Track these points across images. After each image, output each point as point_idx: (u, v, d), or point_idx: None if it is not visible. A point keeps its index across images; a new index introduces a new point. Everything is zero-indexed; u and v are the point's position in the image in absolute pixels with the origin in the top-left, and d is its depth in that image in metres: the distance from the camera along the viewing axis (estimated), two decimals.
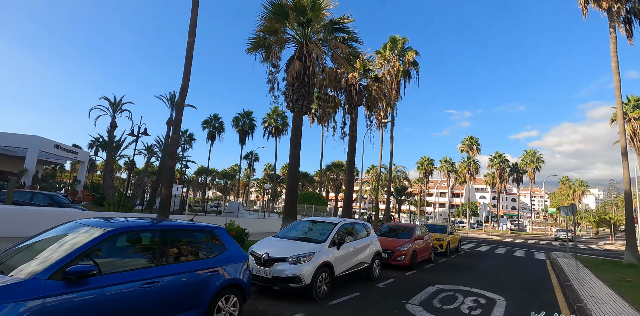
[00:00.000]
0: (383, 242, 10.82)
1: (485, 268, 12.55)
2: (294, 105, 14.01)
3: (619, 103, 15.58)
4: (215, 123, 44.31)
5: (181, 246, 4.38)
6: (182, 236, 4.49)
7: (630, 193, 14.67)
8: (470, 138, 56.65)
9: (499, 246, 22.72)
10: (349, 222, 8.14)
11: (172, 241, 4.24)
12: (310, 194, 27.79)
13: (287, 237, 7.49)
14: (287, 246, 6.80)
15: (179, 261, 4.14)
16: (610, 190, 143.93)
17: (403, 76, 25.47)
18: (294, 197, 13.80)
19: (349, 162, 18.56)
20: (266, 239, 7.53)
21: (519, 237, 40.23)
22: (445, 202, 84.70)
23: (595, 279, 10.65)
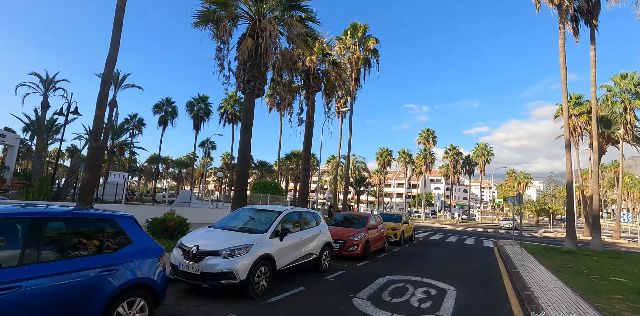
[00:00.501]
0: (335, 232, 10.31)
1: (438, 256, 12.51)
2: (245, 86, 12.96)
3: (564, 97, 16.14)
4: (167, 107, 41.54)
5: (64, 239, 3.42)
6: (67, 226, 3.52)
7: (571, 183, 15.35)
8: (427, 130, 58.19)
9: (451, 235, 23.33)
10: (295, 211, 7.44)
11: (49, 234, 3.27)
12: (267, 183, 26.81)
13: (225, 227, 6.65)
14: (222, 238, 5.98)
15: (60, 259, 3.20)
16: (549, 182, 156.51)
17: (363, 64, 25.03)
18: (244, 185, 12.88)
19: (305, 149, 17.85)
20: (200, 230, 6.64)
21: (469, 226, 42.12)
22: (402, 193, 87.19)
23: (539, 265, 10.89)
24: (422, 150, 57.31)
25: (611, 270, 10.15)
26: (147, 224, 10.30)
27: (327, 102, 19.86)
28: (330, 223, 11.58)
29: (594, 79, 17.58)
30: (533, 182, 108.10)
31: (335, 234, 10.12)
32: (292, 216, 7.25)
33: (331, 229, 10.59)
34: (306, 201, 17.65)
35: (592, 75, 17.63)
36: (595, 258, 12.79)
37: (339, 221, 11.97)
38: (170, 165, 71.30)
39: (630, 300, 6.60)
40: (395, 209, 72.02)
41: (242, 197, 12.78)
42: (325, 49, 17.90)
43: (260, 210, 7.26)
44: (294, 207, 8.13)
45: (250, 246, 5.66)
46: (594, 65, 17.60)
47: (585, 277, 8.80)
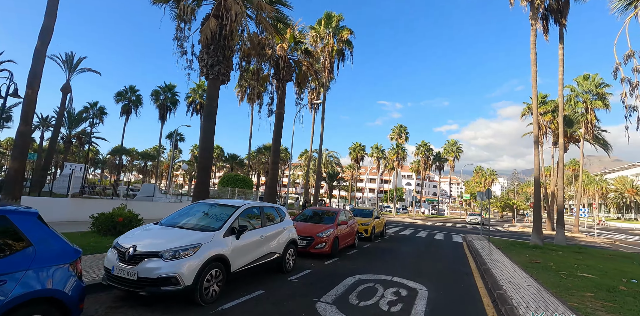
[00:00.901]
0: (303, 228, 9.69)
1: (408, 252, 12.20)
2: (209, 71, 11.98)
3: (534, 93, 16.26)
4: (131, 96, 39.16)
5: None
6: None
7: (539, 179, 15.55)
8: (399, 126, 58.67)
9: (421, 230, 23.37)
10: (255, 206, 6.72)
11: None
12: (236, 177, 25.75)
13: (172, 224, 5.83)
14: (167, 237, 5.18)
15: None
16: (513, 179, 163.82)
17: (337, 55, 24.40)
18: (206, 177, 11.96)
19: (275, 141, 17.06)
20: (143, 227, 5.80)
21: (438, 221, 42.90)
22: (374, 188, 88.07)
23: (508, 261, 10.79)
24: (394, 145, 57.77)
25: (577, 265, 10.18)
26: (91, 220, 9.23)
27: (298, 93, 19.10)
28: (298, 219, 10.96)
29: (561, 77, 17.86)
30: (498, 178, 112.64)
31: (302, 230, 9.50)
32: (251, 211, 6.52)
33: (298, 225, 9.97)
34: (275, 195, 16.91)
35: (559, 73, 17.90)
36: (561, 253, 12.95)
37: (308, 216, 11.37)
38: (135, 158, 68.01)
39: (602, 298, 6.43)
40: (367, 204, 72.58)
41: (204, 190, 11.87)
42: (298, 37, 17.09)
43: (216, 205, 6.48)
44: (255, 202, 7.39)
45: (198, 246, 4.91)
46: (562, 64, 17.87)
47: (554, 273, 8.68)
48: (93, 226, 9.21)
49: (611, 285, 7.54)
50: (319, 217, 11.30)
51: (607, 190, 72.76)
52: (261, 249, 6.33)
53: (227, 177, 25.86)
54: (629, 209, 78.18)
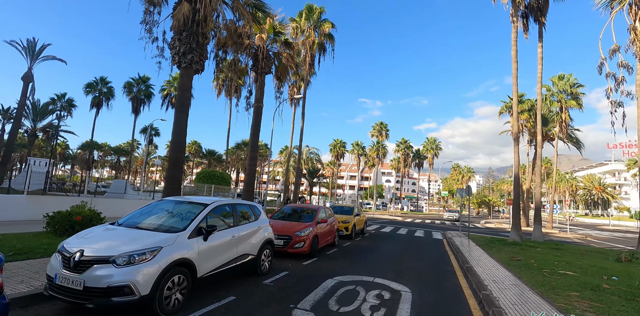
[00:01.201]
0: (281, 227, 9.18)
1: (390, 251, 11.89)
2: (181, 59, 11.20)
3: (515, 90, 16.28)
4: (102, 87, 37.26)
5: None
6: None
7: (518, 176, 15.61)
8: (380, 123, 58.81)
9: (402, 227, 23.28)
10: (227, 203, 6.14)
11: None
12: (213, 173, 24.80)
13: (132, 224, 5.18)
14: (122, 239, 4.55)
15: None
16: (488, 177, 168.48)
17: (318, 49, 23.84)
18: (178, 173, 11.22)
19: (253, 136, 16.38)
20: (96, 228, 5.13)
21: (417, 217, 43.27)
22: (355, 185, 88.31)
23: (490, 259, 10.65)
24: (375, 142, 57.88)
25: (557, 262, 10.13)
26: (46, 219, 8.38)
27: (278, 87, 18.45)
28: (276, 217, 10.43)
29: (540, 75, 18.00)
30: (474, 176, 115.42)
31: (279, 229, 8.99)
32: (222, 209, 5.94)
33: (276, 223, 9.45)
34: (253, 192, 16.28)
35: (538, 71, 18.04)
36: (539, 250, 12.99)
37: (286, 214, 10.84)
38: (107, 153, 65.28)
39: (588, 297, 6.24)
40: (348, 201, 72.64)
41: (176, 186, 11.12)
42: (277, 27, 16.42)
43: (184, 202, 5.86)
44: (227, 199, 6.78)
45: (158, 249, 4.31)
46: (541, 62, 18.01)
47: (537, 271, 8.53)
48: (48, 226, 8.36)
49: (594, 283, 7.42)
50: (298, 214, 10.80)
51: (576, 187, 75.72)
52: (233, 251, 5.77)
53: (204, 173, 24.90)
54: (596, 205, 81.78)
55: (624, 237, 29.07)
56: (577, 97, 29.19)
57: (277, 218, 10.18)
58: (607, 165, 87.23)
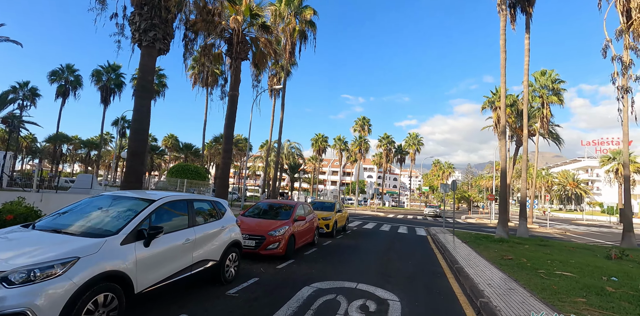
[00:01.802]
0: (253, 225, 8.17)
1: (373, 250, 11.06)
2: (142, 36, 9.91)
3: (503, 82, 15.72)
4: (68, 76, 34.82)
5: None
6: None
7: (505, 170, 15.11)
8: (362, 118, 58.18)
9: (384, 223, 22.63)
10: (180, 199, 5.06)
11: None
12: (187, 167, 23.41)
13: (50, 226, 4.05)
14: (25, 246, 3.43)
15: None
16: (467, 173, 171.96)
17: (299, 37, 22.67)
18: (138, 165, 9.98)
19: (227, 126, 15.17)
20: (0, 231, 3.98)
21: (399, 213, 43.00)
22: (336, 180, 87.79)
23: (479, 258, 9.98)
24: (357, 137, 57.25)
25: (549, 261, 9.54)
26: None
27: (256, 75, 17.23)
28: (249, 214, 9.37)
29: (526, 67, 17.54)
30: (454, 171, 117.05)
31: (251, 228, 7.98)
32: (174, 206, 4.87)
33: (248, 221, 8.43)
34: (227, 187, 15.13)
35: (525, 63, 17.57)
36: (527, 247, 12.48)
37: (260, 210, 9.80)
38: (77, 146, 62.02)
39: (596, 304, 5.54)
40: (329, 196, 72.00)
41: (136, 180, 9.89)
42: (255, 9, 15.18)
43: (123, 198, 4.75)
44: (183, 194, 5.66)
45: (73, 260, 3.22)
46: (527, 54, 17.53)
47: (532, 272, 7.86)
48: None
49: (597, 285, 6.78)
50: (274, 211, 9.78)
51: (552, 183, 77.68)
52: (188, 257, 4.72)
53: (177, 167, 23.47)
54: (569, 200, 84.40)
55: (600, 232, 29.50)
56: (559, 92, 29.24)
57: (250, 216, 9.14)
58: (581, 161, 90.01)
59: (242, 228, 7.91)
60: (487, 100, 32.84)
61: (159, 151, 48.38)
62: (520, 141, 34.37)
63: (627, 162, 14.94)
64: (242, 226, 8.13)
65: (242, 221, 8.58)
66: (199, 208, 5.39)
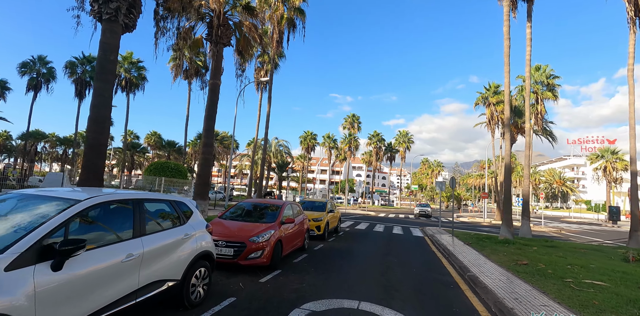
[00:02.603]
0: (231, 230, 6.85)
1: (371, 255, 9.85)
2: (102, 8, 8.46)
3: (506, 71, 14.71)
4: (40, 68, 32.61)
5: None
6: None
7: (510, 166, 14.12)
8: (352, 116, 57.13)
9: (377, 223, 21.51)
10: (122, 199, 3.70)
11: None
12: (166, 164, 21.78)
13: None
14: None
15: None
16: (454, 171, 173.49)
17: (287, 25, 21.26)
18: (98, 159, 8.52)
19: (208, 118, 13.73)
20: None
21: (390, 212, 42.06)
22: (325, 179, 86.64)
23: (490, 263, 8.88)
24: (347, 135, 56.14)
25: (570, 266, 8.49)
26: None
27: (240, 63, 15.79)
28: (228, 216, 8.02)
29: (528, 57, 16.63)
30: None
31: (230, 233, 6.66)
32: (110, 211, 3.52)
33: (226, 225, 7.11)
34: (207, 185, 13.71)
35: (527, 54, 16.67)
36: (537, 249, 11.46)
37: (242, 212, 8.45)
38: (54, 144, 59.13)
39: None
40: (319, 195, 70.80)
41: (95, 177, 8.43)
42: None
43: (33, 198, 3.38)
44: (128, 192, 4.16)
45: None
46: (529, 44, 16.64)
47: (559, 282, 6.77)
48: None
49: (637, 297, 5.72)
50: (258, 212, 8.45)
51: (539, 181, 78.23)
52: (131, 279, 3.38)
53: (155, 164, 21.83)
54: (555, 198, 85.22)
55: (593, 230, 29.07)
56: (553, 88, 28.63)
57: (229, 218, 7.79)
58: (566, 160, 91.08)
59: (219, 233, 6.59)
60: (481, 96, 32.11)
61: (140, 149, 46.20)
62: (514, 138, 33.77)
63: (635, 157, 14.13)
64: (219, 230, 6.81)
65: (219, 224, 7.25)
66: (152, 212, 4.05)
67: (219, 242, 6.36)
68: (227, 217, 7.83)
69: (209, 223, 7.50)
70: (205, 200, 13.25)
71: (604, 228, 33.21)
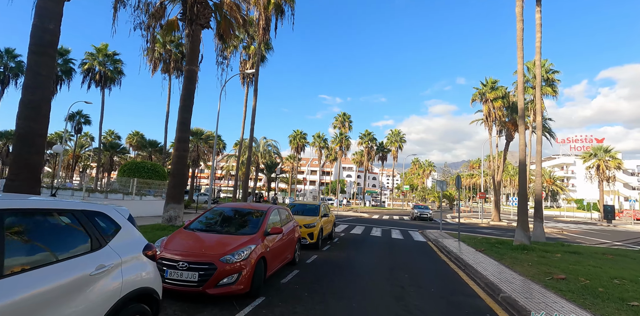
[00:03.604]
0: (198, 245, 5.17)
1: (374, 268, 8.24)
2: None
3: (520, 56, 13.35)
4: (8, 61, 30.16)
5: None
6: None
7: (525, 162, 12.70)
8: (343, 114, 55.70)
9: (373, 226, 19.94)
10: None
11: None
12: (142, 164, 19.80)
13: None
14: None
15: None
16: (444, 172, 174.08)
17: (275, 11, 19.55)
18: (29, 153, 6.69)
19: (184, 109, 11.91)
20: None
21: (382, 213, 40.62)
22: (315, 180, 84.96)
23: (521, 278, 7.35)
24: (338, 134, 54.60)
25: (617, 280, 7.03)
26: None
27: (222, 50, 14.02)
28: (197, 225, 6.25)
29: (539, 45, 15.35)
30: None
31: (194, 249, 4.99)
32: None
33: (192, 237, 5.40)
34: (182, 186, 11.91)
35: (537, 40, 15.39)
36: (559, 256, 10.03)
37: (217, 219, 6.70)
38: None
39: None
40: (309, 197, 69.06)
41: (27, 177, 6.60)
42: None
43: None
44: None
45: None
46: (539, 30, 15.34)
47: (624, 306, 5.27)
48: None
49: None
50: (237, 220, 6.73)
51: (530, 180, 78.02)
52: None
53: (130, 165, 19.86)
54: (545, 197, 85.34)
55: (593, 230, 28.10)
56: (553, 83, 27.61)
57: (198, 229, 6.04)
58: (555, 159, 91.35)
59: (179, 251, 4.89)
60: (477, 92, 30.92)
61: (119, 149, 43.64)
62: (511, 136, 32.73)
63: None
64: (180, 246, 5.11)
65: (182, 237, 5.54)
66: (34, 231, 2.33)
67: (179, 264, 4.66)
68: (196, 227, 6.08)
69: (172, 234, 5.79)
70: (179, 204, 11.45)
71: (603, 228, 32.39)
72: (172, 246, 5.12)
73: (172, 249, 5.00)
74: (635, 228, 32.58)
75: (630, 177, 78.70)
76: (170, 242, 5.29)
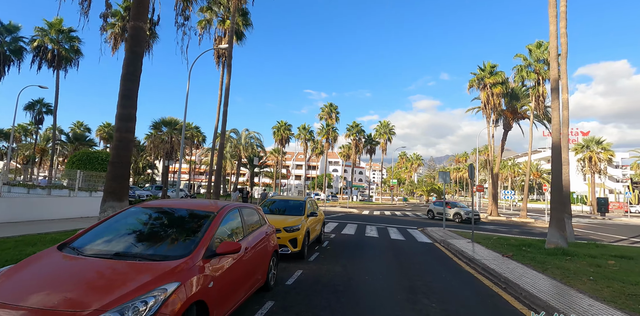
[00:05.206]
0: (64, 283, 2.44)
1: (382, 293, 5.76)
2: None
3: (553, 22, 10.98)
4: None
5: None
6: None
7: (559, 149, 10.44)
8: (330, 105, 53.15)
9: (366, 224, 17.57)
10: None
11: None
12: (94, 155, 16.74)
13: None
14: None
15: None
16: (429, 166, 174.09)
17: None
18: None
19: (127, 78, 9.04)
20: None
21: (372, 208, 38.42)
22: (301, 174, 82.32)
23: (598, 304, 5.01)
24: (324, 125, 51.99)
25: None
26: None
27: (182, 9, 11.21)
28: (86, 241, 3.55)
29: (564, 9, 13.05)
30: None
31: (39, 299, 2.28)
32: None
33: (57, 268, 2.65)
34: (125, 178, 9.13)
35: (561, 4, 13.05)
36: (614, 263, 7.82)
37: (121, 232, 3.97)
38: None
39: None
40: (294, 192, 66.42)
41: None
42: None
43: None
44: None
45: None
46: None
47: None
48: None
49: None
50: (159, 231, 4.05)
51: (517, 173, 77.55)
52: None
53: (79, 155, 16.81)
54: (532, 190, 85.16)
55: (592, 224, 26.56)
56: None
57: (83, 249, 3.36)
58: (541, 152, 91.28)
59: (4, 304, 2.22)
60: (476, 77, 28.77)
61: (86, 141, 39.73)
62: (509, 125, 30.84)
63: None
64: (12, 294, 2.45)
65: (35, 270, 2.88)
66: None
67: None
68: (82, 246, 3.40)
69: (26, 259, 3.15)
70: (121, 202, 8.73)
71: (601, 221, 31.09)
72: (4, 289, 2.50)
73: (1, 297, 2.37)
74: (633, 221, 31.43)
75: (615, 169, 79.10)
76: (10, 279, 2.66)
